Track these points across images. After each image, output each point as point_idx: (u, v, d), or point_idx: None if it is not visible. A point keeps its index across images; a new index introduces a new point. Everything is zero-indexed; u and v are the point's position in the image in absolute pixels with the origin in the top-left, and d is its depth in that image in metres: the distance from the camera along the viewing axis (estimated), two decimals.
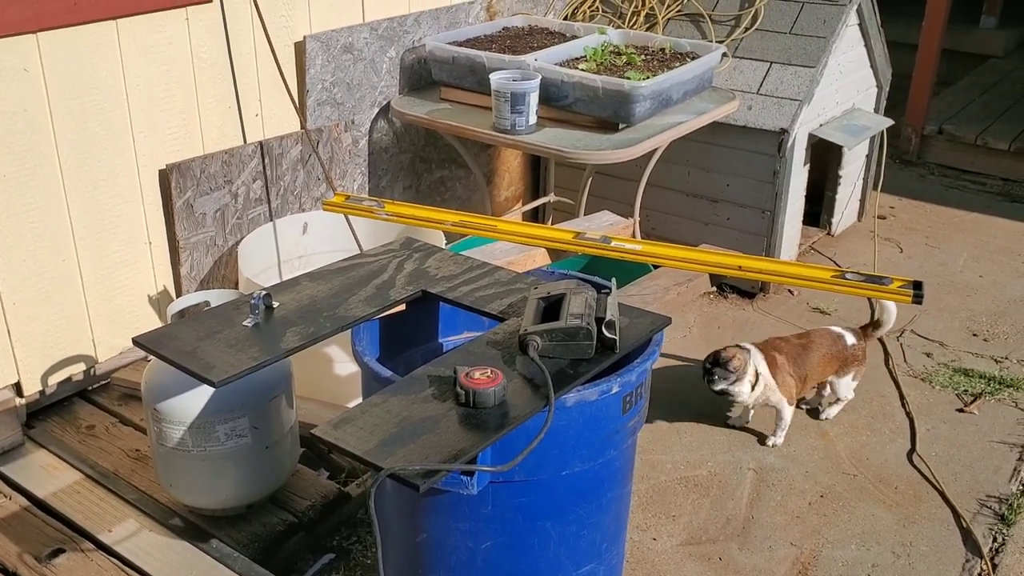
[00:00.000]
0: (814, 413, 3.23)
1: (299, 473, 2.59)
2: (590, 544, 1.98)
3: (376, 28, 3.47)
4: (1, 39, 2.47)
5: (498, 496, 1.82)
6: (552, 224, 4.27)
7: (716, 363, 2.93)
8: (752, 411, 3.14)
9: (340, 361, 2.86)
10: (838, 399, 3.19)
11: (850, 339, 3.13)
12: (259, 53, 3.09)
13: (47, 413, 2.85)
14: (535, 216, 4.45)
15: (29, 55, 2.54)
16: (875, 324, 3.20)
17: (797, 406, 3.15)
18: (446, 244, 3.10)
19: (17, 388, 2.76)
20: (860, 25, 4.10)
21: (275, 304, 1.95)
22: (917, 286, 2.09)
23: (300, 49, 3.23)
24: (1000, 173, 5.37)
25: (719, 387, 2.94)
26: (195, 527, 2.40)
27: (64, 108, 2.65)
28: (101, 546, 2.33)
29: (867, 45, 4.22)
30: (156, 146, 2.90)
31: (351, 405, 2.83)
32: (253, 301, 1.89)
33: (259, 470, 2.36)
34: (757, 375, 2.94)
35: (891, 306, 3.15)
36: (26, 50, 2.53)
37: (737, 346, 3.00)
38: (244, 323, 1.87)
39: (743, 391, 2.94)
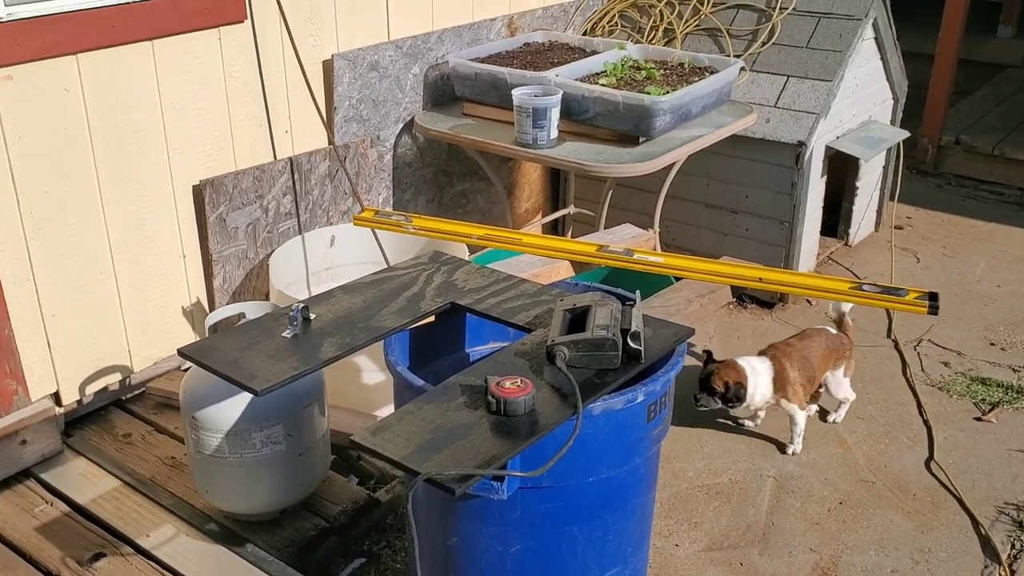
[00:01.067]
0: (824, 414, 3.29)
1: (330, 479, 2.66)
2: (616, 549, 2.04)
3: (401, 46, 3.56)
4: (44, 61, 2.57)
5: (527, 501, 1.88)
6: (572, 235, 4.34)
7: (714, 391, 3.02)
8: (762, 413, 3.21)
9: (368, 370, 2.93)
10: (840, 402, 3.24)
11: (834, 331, 3.24)
12: (288, 72, 3.17)
13: (85, 422, 2.93)
14: (555, 228, 4.52)
15: (70, 76, 2.63)
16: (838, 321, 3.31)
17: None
18: (470, 256, 3.17)
19: (56, 398, 2.85)
20: (876, 39, 4.16)
21: (312, 316, 2.02)
22: (933, 297, 2.14)
23: (328, 67, 3.32)
24: (1018, 183, 5.39)
25: (705, 409, 3.07)
26: (230, 532, 2.47)
27: (102, 126, 2.74)
28: (140, 550, 2.41)
29: (883, 58, 4.28)
30: (190, 162, 2.99)
31: (378, 413, 2.92)
32: (291, 313, 1.96)
33: (293, 476, 2.43)
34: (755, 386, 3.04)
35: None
36: (67, 71, 2.63)
37: (731, 364, 3.05)
38: (283, 334, 1.95)
39: (737, 407, 3.05)
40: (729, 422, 3.26)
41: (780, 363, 3.05)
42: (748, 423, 3.25)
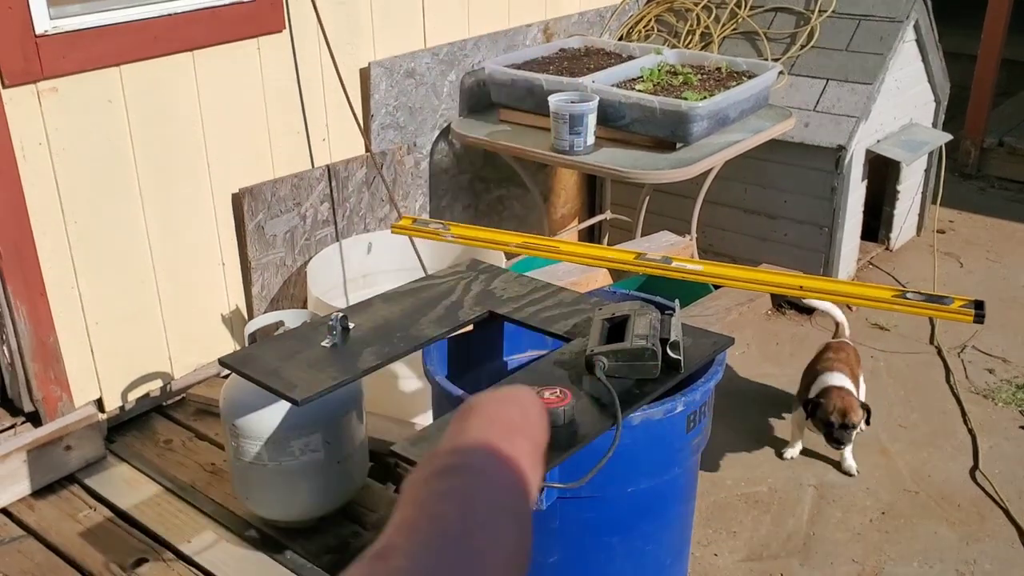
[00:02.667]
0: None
1: (368, 486, 2.67)
2: (655, 559, 2.03)
3: (437, 53, 3.57)
4: (87, 72, 2.61)
5: (565, 511, 1.88)
6: (608, 241, 4.33)
7: (845, 426, 2.80)
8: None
9: (405, 377, 2.94)
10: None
11: (846, 340, 3.17)
12: (326, 80, 3.20)
13: (127, 428, 2.97)
14: (591, 233, 4.51)
15: (112, 87, 2.67)
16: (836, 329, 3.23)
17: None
18: (506, 263, 3.17)
19: (99, 404, 2.89)
20: (917, 40, 4.10)
21: (351, 325, 2.03)
22: (979, 305, 2.11)
23: (365, 75, 3.34)
24: None
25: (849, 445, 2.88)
26: (270, 538, 2.49)
27: (144, 136, 2.78)
28: (181, 556, 2.43)
29: (924, 60, 4.22)
30: (229, 171, 3.02)
31: (416, 420, 2.93)
32: (331, 322, 1.97)
33: (331, 483, 2.44)
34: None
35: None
36: (110, 82, 2.67)
37: (844, 389, 2.84)
38: (323, 343, 1.96)
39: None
40: (767, 432, 3.23)
41: (855, 373, 2.99)
42: (793, 452, 3.09)
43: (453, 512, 0.44)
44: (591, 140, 3.32)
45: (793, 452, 3.08)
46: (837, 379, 2.90)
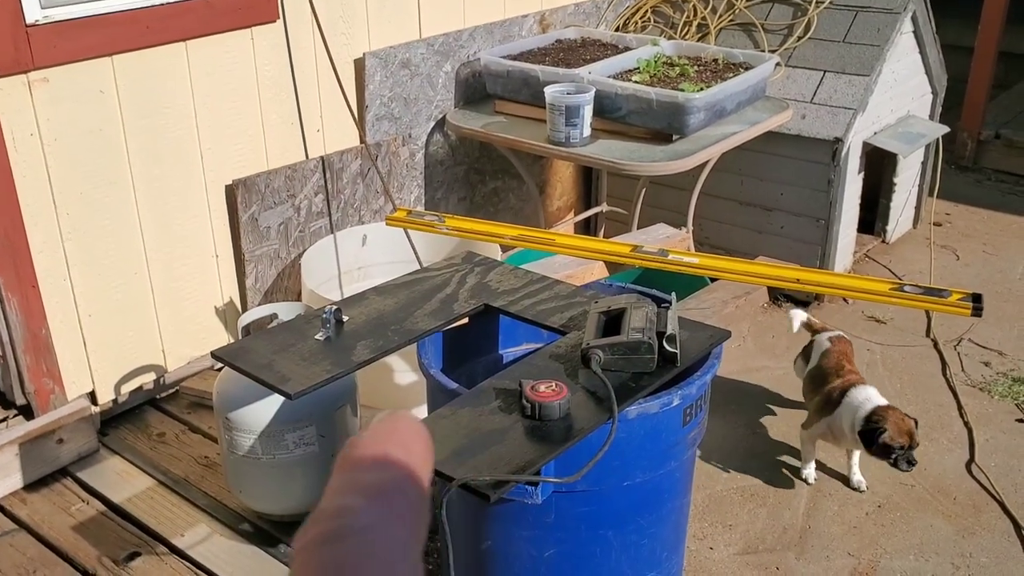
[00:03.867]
0: None
1: None
2: (650, 553, 2.02)
3: (432, 44, 3.55)
4: (79, 63, 2.58)
5: (561, 505, 1.86)
6: (604, 233, 4.31)
7: (913, 447, 2.65)
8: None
9: (400, 370, 2.92)
10: None
11: (836, 333, 3.09)
12: (320, 70, 3.17)
13: (120, 421, 2.96)
14: (587, 226, 4.49)
15: (105, 77, 2.65)
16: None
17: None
18: (502, 256, 3.16)
19: (92, 397, 2.88)
20: (915, 32, 4.08)
21: (345, 318, 2.02)
22: (977, 299, 2.10)
23: (360, 66, 3.32)
24: None
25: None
26: (264, 532, 2.48)
27: (137, 127, 2.75)
28: (175, 550, 2.42)
29: (922, 52, 4.20)
30: (222, 162, 2.99)
31: (412, 413, 2.91)
32: (324, 315, 1.96)
33: (325, 477, 2.42)
34: None
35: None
36: (102, 73, 2.64)
37: (888, 409, 2.68)
38: (316, 337, 1.94)
39: None
40: (763, 425, 3.22)
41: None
42: (812, 471, 2.95)
43: None
44: (587, 132, 3.30)
45: (811, 471, 2.93)
46: (873, 394, 2.75)
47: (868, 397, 2.74)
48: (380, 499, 0.47)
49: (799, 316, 3.17)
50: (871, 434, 2.65)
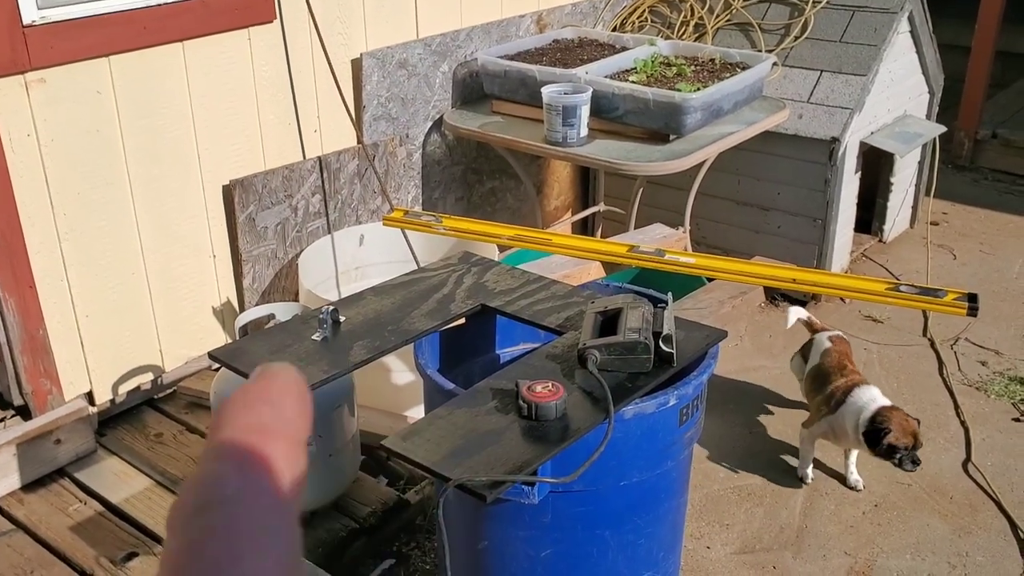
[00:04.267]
0: None
1: (360, 480, 2.66)
2: (647, 553, 2.02)
3: (429, 44, 3.55)
4: (76, 63, 2.58)
5: (558, 505, 1.87)
6: (602, 233, 4.31)
7: (917, 447, 2.66)
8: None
9: (397, 371, 2.93)
10: None
11: (834, 332, 3.09)
12: (317, 71, 3.18)
13: (117, 421, 2.96)
14: (584, 226, 4.50)
15: (102, 78, 2.65)
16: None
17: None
18: (499, 256, 3.16)
19: (89, 397, 2.88)
20: (911, 32, 4.09)
21: (342, 318, 2.02)
22: (972, 298, 2.10)
23: (357, 66, 3.32)
24: None
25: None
26: None
27: (134, 128, 2.75)
28: None
29: (918, 52, 4.20)
30: (220, 163, 3.00)
31: (408, 413, 2.92)
32: (321, 316, 1.96)
33: (323, 477, 2.43)
34: None
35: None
36: (99, 73, 2.64)
37: (892, 410, 2.70)
38: (313, 337, 1.94)
39: None
40: (760, 424, 3.23)
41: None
42: (810, 470, 2.97)
43: (217, 551, 0.44)
44: (584, 132, 3.31)
45: (809, 470, 2.94)
46: (877, 395, 2.75)
47: (872, 398, 2.74)
48: (250, 460, 0.48)
49: (797, 313, 3.17)
50: (876, 434, 2.65)
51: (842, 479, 2.94)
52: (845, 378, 2.85)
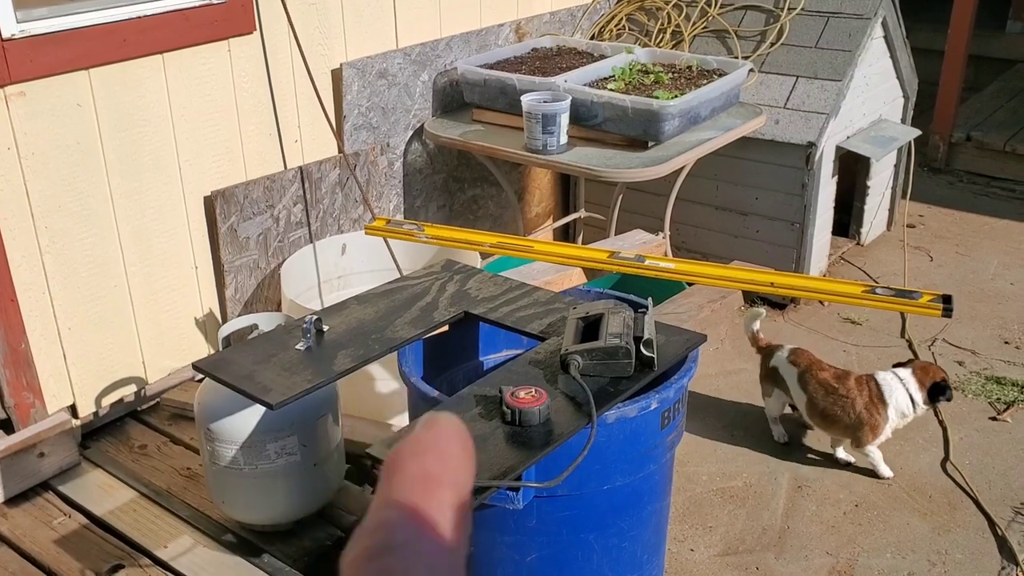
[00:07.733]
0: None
1: (345, 489, 2.67)
2: (631, 556, 2.04)
3: (409, 53, 3.57)
4: (56, 76, 2.59)
5: (542, 510, 1.89)
6: (583, 239, 4.34)
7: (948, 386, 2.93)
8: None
9: (381, 379, 2.94)
10: None
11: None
12: (298, 81, 3.19)
13: (101, 434, 2.95)
14: (565, 232, 4.53)
15: (82, 91, 2.65)
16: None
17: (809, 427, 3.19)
18: (481, 263, 3.18)
19: (73, 410, 2.87)
20: (885, 37, 4.14)
21: (325, 328, 2.03)
22: (947, 300, 2.14)
23: (337, 76, 3.33)
24: None
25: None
26: (247, 542, 2.48)
27: (115, 140, 2.76)
28: (158, 562, 2.42)
29: (893, 57, 4.26)
30: (201, 174, 3.00)
31: (393, 421, 2.93)
32: (305, 325, 1.97)
33: (308, 486, 2.44)
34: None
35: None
36: (79, 86, 2.64)
37: (916, 362, 3.00)
38: (297, 347, 1.96)
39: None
40: (741, 427, 3.26)
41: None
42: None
43: None
44: (564, 139, 3.33)
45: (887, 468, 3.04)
46: (889, 371, 2.96)
47: (893, 372, 2.95)
48: (420, 509, 0.50)
49: (759, 316, 3.19)
50: (938, 386, 2.91)
51: (823, 469, 2.99)
52: (854, 379, 2.94)
